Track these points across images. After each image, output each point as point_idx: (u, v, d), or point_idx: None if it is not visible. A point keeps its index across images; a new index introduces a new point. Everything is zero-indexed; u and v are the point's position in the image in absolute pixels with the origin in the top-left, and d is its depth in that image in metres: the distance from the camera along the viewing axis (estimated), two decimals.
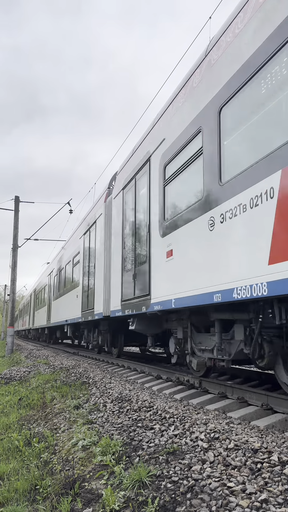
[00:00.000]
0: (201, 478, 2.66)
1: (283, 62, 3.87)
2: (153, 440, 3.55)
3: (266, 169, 3.96)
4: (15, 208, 21.89)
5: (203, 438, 3.39)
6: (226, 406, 5.10)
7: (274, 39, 4.00)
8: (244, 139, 4.44)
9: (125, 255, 8.59)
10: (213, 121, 5.08)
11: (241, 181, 4.38)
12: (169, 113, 6.60)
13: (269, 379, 6.56)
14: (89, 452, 3.72)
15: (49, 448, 4.28)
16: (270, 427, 4.12)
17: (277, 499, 2.27)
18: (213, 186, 4.97)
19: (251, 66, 4.35)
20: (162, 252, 6.52)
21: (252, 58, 4.33)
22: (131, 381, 7.72)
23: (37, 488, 3.42)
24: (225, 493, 2.41)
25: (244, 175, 4.34)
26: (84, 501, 2.90)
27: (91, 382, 7.30)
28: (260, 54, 4.20)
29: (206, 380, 6.32)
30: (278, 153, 3.80)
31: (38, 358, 14.78)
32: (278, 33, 3.94)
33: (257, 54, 4.25)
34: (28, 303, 36.97)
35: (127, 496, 2.74)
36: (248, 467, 2.74)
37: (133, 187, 8.31)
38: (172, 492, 2.60)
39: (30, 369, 11.15)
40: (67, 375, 8.80)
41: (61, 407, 5.74)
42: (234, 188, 4.52)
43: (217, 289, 4.75)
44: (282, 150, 3.76)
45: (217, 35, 5.24)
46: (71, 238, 16.64)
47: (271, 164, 3.90)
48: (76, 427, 4.61)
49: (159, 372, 8.18)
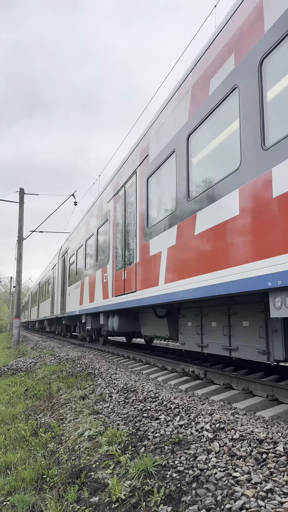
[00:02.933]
0: (206, 468, 2.67)
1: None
2: (159, 430, 3.57)
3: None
4: (20, 200, 21.90)
5: (208, 428, 3.40)
6: (231, 397, 5.11)
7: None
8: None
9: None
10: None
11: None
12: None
13: (275, 370, 6.56)
14: (95, 442, 3.75)
15: (56, 438, 4.32)
16: (275, 417, 4.13)
17: (283, 489, 2.28)
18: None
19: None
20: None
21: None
22: (136, 372, 7.76)
23: (43, 477, 3.46)
24: (230, 482, 2.43)
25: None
26: (91, 490, 2.93)
27: (97, 373, 7.34)
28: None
29: (212, 371, 6.34)
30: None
31: (44, 350, 14.88)
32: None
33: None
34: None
35: (133, 485, 2.76)
36: (254, 457, 2.74)
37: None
38: (177, 481, 2.61)
39: (36, 360, 11.23)
40: (72, 366, 8.86)
41: (67, 398, 5.78)
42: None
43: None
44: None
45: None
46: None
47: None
48: (82, 417, 4.64)
49: (164, 363, 8.21)
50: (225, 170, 4.84)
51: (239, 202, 4.47)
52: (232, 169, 4.68)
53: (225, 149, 4.90)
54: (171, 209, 6.30)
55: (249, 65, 4.42)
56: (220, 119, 5.00)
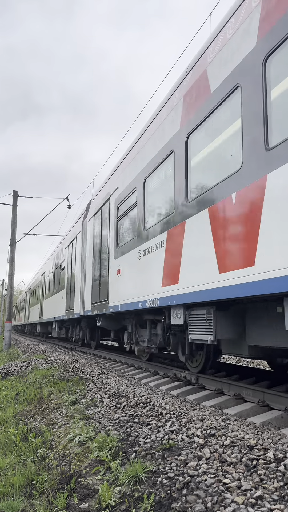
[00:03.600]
0: (197, 475, 2.67)
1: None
2: (150, 436, 3.56)
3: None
4: (13, 203, 21.83)
5: (199, 434, 3.41)
6: (222, 403, 5.11)
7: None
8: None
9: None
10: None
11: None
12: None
13: (266, 375, 6.58)
14: (86, 448, 3.73)
15: (46, 443, 4.30)
16: (266, 423, 4.14)
17: (272, 496, 2.29)
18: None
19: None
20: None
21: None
22: (128, 376, 7.74)
23: (33, 483, 3.43)
24: (220, 489, 2.43)
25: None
26: (80, 496, 2.92)
27: (88, 377, 7.31)
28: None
29: (203, 377, 6.34)
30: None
31: (35, 353, 14.79)
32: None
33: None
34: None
35: (123, 491, 2.75)
36: (244, 464, 2.75)
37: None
38: (168, 488, 2.61)
39: (28, 364, 11.16)
40: (64, 370, 8.82)
41: (58, 402, 5.75)
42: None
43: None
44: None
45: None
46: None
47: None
48: (73, 422, 4.62)
49: (156, 368, 8.20)
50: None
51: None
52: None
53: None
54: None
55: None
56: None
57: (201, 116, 5.18)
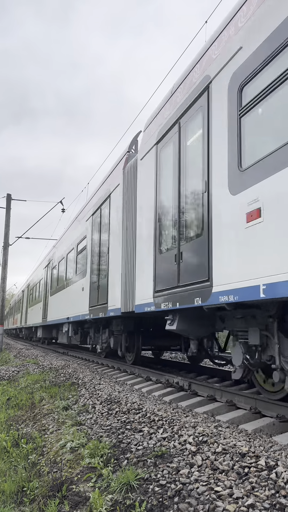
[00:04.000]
0: (188, 482, 2.67)
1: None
2: (142, 443, 3.56)
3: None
4: (7, 206, 21.76)
5: (191, 441, 3.41)
6: (214, 409, 5.12)
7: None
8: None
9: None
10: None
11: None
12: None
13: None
14: (77, 454, 3.72)
15: (37, 450, 4.27)
16: (258, 431, 4.15)
17: (264, 504, 2.29)
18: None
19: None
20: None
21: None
22: (120, 382, 7.72)
23: (24, 490, 3.41)
24: (212, 497, 2.43)
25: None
26: (72, 503, 2.90)
27: (80, 383, 7.28)
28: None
29: (196, 383, 6.34)
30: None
31: (27, 358, 14.70)
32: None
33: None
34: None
35: (115, 499, 2.74)
36: (236, 472, 2.75)
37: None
38: (159, 495, 2.60)
39: (19, 369, 11.09)
40: (56, 375, 8.77)
41: (49, 408, 5.72)
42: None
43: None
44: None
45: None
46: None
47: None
48: (64, 428, 4.60)
49: (149, 373, 8.18)
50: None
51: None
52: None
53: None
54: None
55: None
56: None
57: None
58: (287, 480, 2.56)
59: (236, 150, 4.52)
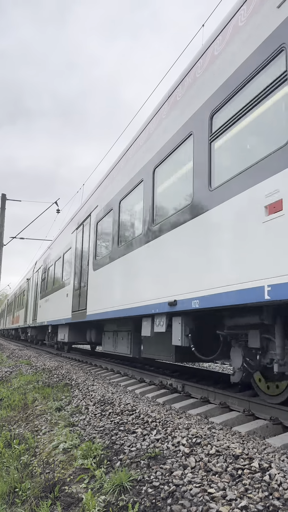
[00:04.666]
0: (182, 484, 2.66)
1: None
2: (135, 444, 3.54)
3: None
4: (1, 206, 21.68)
5: (184, 443, 3.40)
6: (208, 411, 5.12)
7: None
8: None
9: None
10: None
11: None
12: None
13: (251, 385, 6.61)
14: (70, 455, 3.69)
15: (30, 450, 4.24)
16: (252, 433, 4.15)
17: (257, 506, 2.29)
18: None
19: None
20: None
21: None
22: (114, 383, 7.70)
23: (16, 490, 3.38)
24: (205, 499, 2.42)
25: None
26: (64, 505, 2.88)
27: (74, 384, 7.25)
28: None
29: (189, 385, 6.34)
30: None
31: (20, 359, 14.62)
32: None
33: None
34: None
35: (108, 500, 2.72)
36: (229, 473, 2.75)
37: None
38: (152, 497, 2.59)
39: (12, 369, 11.02)
40: (49, 376, 8.73)
41: (42, 409, 5.69)
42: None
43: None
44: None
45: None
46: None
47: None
48: (57, 429, 4.57)
49: (143, 375, 8.17)
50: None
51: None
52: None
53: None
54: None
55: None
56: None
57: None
58: (281, 482, 2.56)
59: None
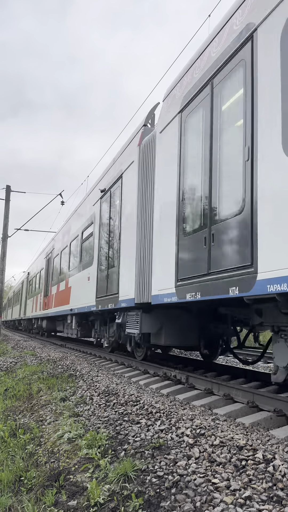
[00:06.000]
0: (186, 474, 2.68)
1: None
2: (139, 435, 3.56)
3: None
4: (6, 197, 21.70)
5: (189, 434, 3.41)
6: (212, 403, 5.13)
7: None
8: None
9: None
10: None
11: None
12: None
13: (255, 376, 6.62)
14: (75, 445, 3.72)
15: (35, 440, 4.28)
16: (255, 424, 4.16)
17: (261, 496, 2.30)
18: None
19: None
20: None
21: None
22: (118, 375, 7.74)
23: (21, 479, 3.42)
24: (209, 489, 2.44)
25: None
26: (69, 493, 2.91)
27: (78, 374, 7.30)
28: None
29: (193, 376, 6.36)
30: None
31: (25, 349, 14.72)
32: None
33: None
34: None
35: (112, 489, 2.75)
36: (233, 464, 2.76)
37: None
38: (157, 486, 2.61)
39: (17, 360, 11.11)
40: (54, 367, 8.79)
41: (47, 399, 5.73)
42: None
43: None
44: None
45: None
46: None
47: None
48: (62, 419, 4.60)
49: (147, 366, 8.20)
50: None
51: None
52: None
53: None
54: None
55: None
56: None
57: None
58: (285, 473, 2.57)
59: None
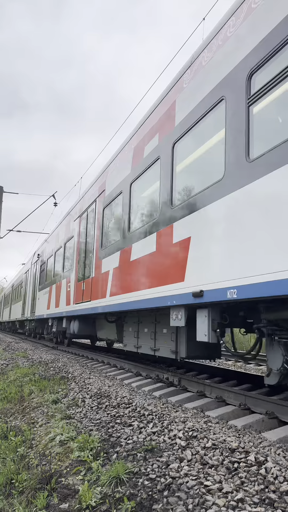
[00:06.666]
0: (178, 476, 2.67)
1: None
2: (132, 437, 3.56)
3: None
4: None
5: (181, 436, 3.41)
6: (204, 405, 5.14)
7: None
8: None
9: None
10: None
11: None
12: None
13: (247, 379, 6.64)
14: (67, 448, 3.70)
15: (26, 442, 4.25)
16: (247, 427, 4.17)
17: (253, 499, 2.31)
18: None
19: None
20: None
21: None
22: (110, 377, 7.72)
23: (12, 482, 3.39)
24: (202, 491, 2.44)
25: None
26: (61, 496, 2.89)
27: (70, 377, 7.26)
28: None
29: (186, 378, 6.36)
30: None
31: (16, 351, 14.63)
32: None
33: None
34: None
35: (104, 492, 2.74)
36: (225, 467, 2.76)
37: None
38: (149, 489, 2.60)
39: (8, 362, 11.03)
40: (46, 369, 8.74)
41: (39, 401, 5.70)
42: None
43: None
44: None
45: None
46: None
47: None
48: (54, 421, 4.58)
49: (139, 369, 8.19)
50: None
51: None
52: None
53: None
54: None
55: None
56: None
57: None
58: (277, 476, 2.57)
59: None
